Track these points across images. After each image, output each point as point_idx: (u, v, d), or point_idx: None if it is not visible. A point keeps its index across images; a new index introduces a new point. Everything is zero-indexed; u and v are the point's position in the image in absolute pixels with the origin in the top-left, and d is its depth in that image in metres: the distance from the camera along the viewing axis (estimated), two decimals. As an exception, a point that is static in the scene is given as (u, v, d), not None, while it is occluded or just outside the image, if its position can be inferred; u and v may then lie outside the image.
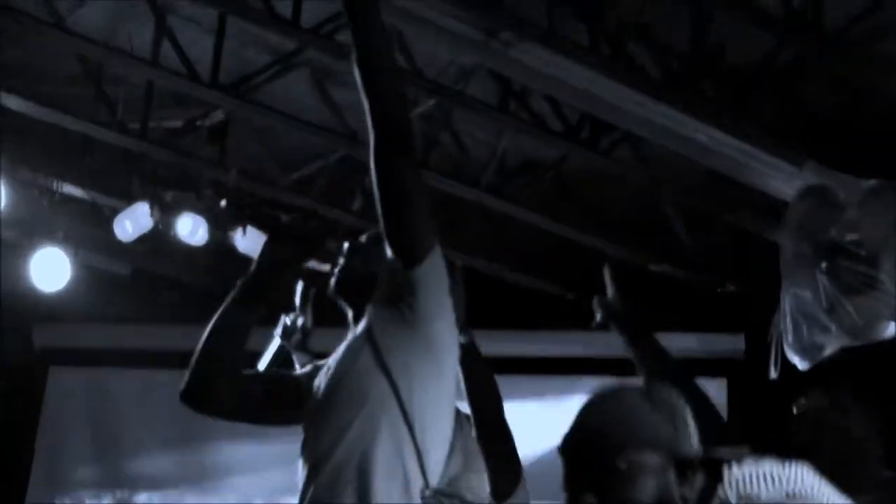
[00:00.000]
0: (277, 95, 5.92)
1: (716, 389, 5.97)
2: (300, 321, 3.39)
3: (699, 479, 1.91)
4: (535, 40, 4.71)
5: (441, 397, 2.68)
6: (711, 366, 6.38)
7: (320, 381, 2.78)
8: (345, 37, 5.20)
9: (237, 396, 2.81)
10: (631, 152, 6.03)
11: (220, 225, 6.35)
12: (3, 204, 6.14)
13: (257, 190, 6.28)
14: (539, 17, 4.88)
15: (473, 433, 2.95)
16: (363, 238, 2.91)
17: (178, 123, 6.19)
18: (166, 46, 5.44)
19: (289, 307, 3.40)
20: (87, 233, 6.75)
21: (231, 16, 5.27)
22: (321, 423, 2.70)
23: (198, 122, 6.19)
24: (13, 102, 5.68)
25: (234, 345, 2.77)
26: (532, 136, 5.87)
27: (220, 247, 6.56)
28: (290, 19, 5.06)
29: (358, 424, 2.61)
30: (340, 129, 6.04)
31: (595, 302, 3.31)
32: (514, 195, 6.38)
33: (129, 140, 5.94)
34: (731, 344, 6.81)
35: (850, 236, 4.92)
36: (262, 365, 3.32)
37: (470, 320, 3.02)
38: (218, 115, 6.13)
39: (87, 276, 6.89)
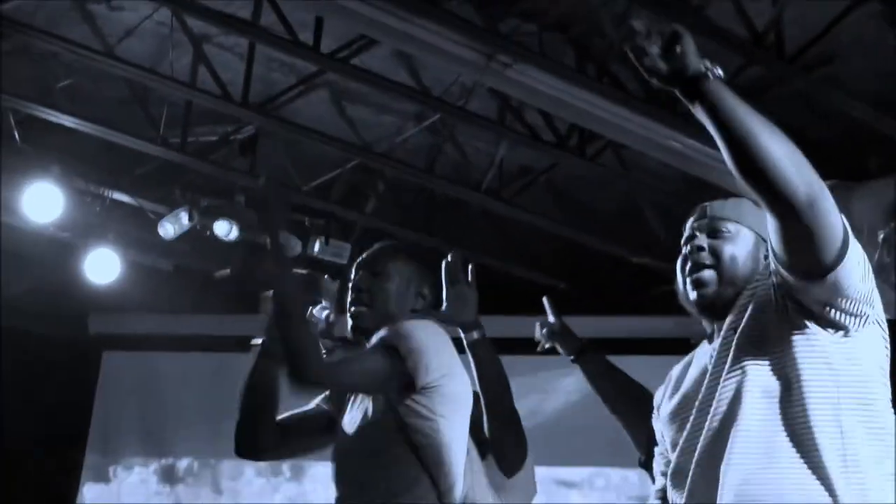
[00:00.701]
0: (300, 112, 5.92)
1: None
2: (324, 312, 3.35)
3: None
4: (530, 62, 4.70)
5: (459, 438, 2.74)
6: (683, 345, 6.38)
7: (350, 417, 2.81)
8: (359, 60, 5.31)
9: (280, 443, 2.91)
10: (614, 159, 6.02)
11: (249, 227, 6.31)
12: (61, 210, 6.15)
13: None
14: (533, 42, 4.90)
15: (478, 458, 2.98)
16: (368, 253, 2.95)
17: (213, 138, 6.17)
18: (203, 71, 5.43)
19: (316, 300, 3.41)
20: (135, 234, 6.73)
21: (259, 43, 5.27)
22: (347, 468, 2.77)
23: (231, 137, 6.18)
24: (70, 122, 5.69)
25: (269, 399, 2.85)
26: (527, 146, 5.85)
27: (249, 245, 6.51)
28: (312, 45, 5.05)
29: (381, 481, 2.68)
30: (355, 140, 6.05)
31: (537, 327, 3.26)
32: (512, 198, 6.36)
33: (171, 153, 5.93)
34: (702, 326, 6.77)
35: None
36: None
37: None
38: (248, 130, 6.12)
39: (134, 271, 6.88)
